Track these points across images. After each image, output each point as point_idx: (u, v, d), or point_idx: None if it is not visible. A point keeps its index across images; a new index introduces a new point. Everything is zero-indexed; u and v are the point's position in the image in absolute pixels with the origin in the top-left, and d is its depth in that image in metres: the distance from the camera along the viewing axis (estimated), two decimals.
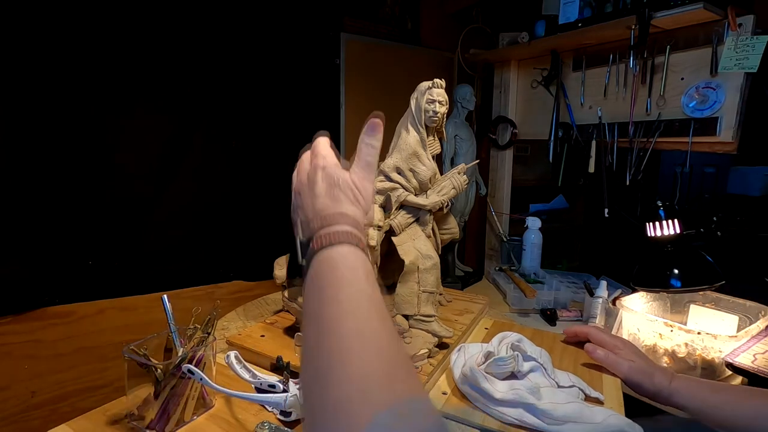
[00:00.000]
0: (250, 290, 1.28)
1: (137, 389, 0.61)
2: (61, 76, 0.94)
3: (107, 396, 0.68)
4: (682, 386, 0.68)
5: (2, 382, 0.93)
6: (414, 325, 0.82)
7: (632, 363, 0.73)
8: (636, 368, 0.72)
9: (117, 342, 1.06)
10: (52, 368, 0.99)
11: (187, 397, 0.61)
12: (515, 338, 0.78)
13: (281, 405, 0.60)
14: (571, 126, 1.29)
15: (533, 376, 0.70)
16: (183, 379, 0.61)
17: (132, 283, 1.09)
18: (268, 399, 0.62)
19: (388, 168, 0.85)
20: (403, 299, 0.82)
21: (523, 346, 0.75)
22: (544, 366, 0.72)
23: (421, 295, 0.82)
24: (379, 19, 1.50)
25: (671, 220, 0.95)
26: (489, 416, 0.64)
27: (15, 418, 0.95)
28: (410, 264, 0.82)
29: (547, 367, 0.72)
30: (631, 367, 0.72)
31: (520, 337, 0.79)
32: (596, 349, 0.77)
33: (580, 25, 1.17)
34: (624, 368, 0.73)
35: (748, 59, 0.93)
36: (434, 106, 0.84)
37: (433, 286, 0.83)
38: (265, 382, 0.64)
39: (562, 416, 0.60)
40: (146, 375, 0.60)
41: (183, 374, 0.60)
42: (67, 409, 1.01)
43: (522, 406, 0.63)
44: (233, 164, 1.22)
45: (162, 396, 0.59)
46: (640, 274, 0.97)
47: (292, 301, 0.85)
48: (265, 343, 0.83)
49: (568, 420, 0.60)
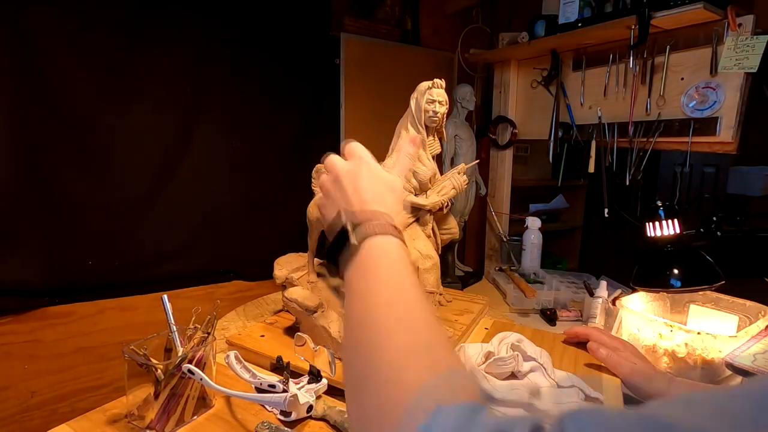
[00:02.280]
0: (250, 290, 1.28)
1: (137, 389, 0.61)
2: (61, 76, 0.94)
3: (107, 396, 0.68)
4: (680, 390, 0.68)
5: (2, 382, 0.94)
6: None
7: (633, 365, 0.73)
8: (636, 370, 0.72)
9: (117, 342, 1.06)
10: (52, 368, 0.99)
11: (187, 397, 0.61)
12: (515, 338, 0.78)
13: (281, 405, 0.61)
14: (571, 126, 1.29)
15: (533, 376, 0.70)
16: (183, 379, 0.61)
17: (132, 283, 1.09)
18: (268, 399, 0.62)
19: (388, 168, 0.85)
20: None
21: (523, 347, 0.75)
22: (545, 366, 0.72)
23: None
24: (379, 19, 1.50)
25: (671, 220, 0.95)
26: None
27: (15, 418, 0.95)
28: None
29: (548, 368, 0.72)
30: (632, 369, 0.73)
31: (520, 337, 0.79)
32: (599, 347, 0.78)
33: (580, 25, 1.17)
34: (625, 369, 0.73)
35: (747, 59, 0.93)
36: (434, 106, 0.84)
37: (433, 286, 0.83)
38: (265, 382, 0.64)
39: None
40: (146, 375, 0.60)
41: (183, 374, 0.60)
42: (66, 409, 1.01)
43: (522, 406, 0.63)
44: (233, 164, 1.23)
45: (162, 396, 0.59)
46: (640, 274, 0.97)
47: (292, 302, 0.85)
48: (265, 343, 0.83)
49: None
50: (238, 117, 1.21)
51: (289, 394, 0.60)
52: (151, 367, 0.59)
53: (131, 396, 0.61)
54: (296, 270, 0.95)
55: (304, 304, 0.82)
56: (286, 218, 1.30)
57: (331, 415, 0.62)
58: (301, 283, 0.91)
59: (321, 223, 0.87)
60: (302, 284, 0.90)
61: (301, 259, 1.00)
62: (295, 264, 0.98)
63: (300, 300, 0.83)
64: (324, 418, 0.63)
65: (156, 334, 0.65)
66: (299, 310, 0.83)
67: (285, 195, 1.31)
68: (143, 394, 0.60)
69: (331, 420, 0.62)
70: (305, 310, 0.82)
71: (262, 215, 1.30)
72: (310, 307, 0.81)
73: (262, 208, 1.30)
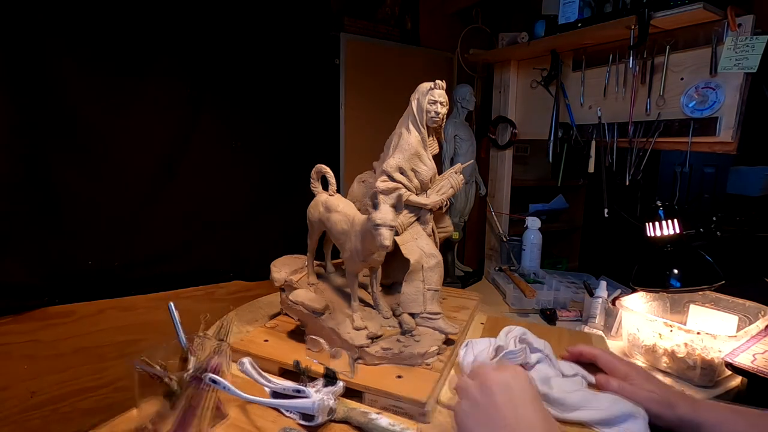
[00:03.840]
0: (249, 290, 1.28)
1: (148, 402, 0.58)
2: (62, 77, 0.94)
3: (107, 396, 0.67)
4: (711, 416, 0.60)
5: (2, 382, 0.93)
6: (421, 323, 0.82)
7: (650, 394, 0.66)
8: (655, 399, 0.65)
9: (117, 342, 1.06)
10: (52, 368, 0.99)
11: (203, 408, 0.59)
12: (520, 331, 0.80)
13: (312, 410, 0.59)
14: (571, 126, 1.29)
15: (540, 367, 0.72)
16: (200, 390, 0.58)
17: (132, 283, 1.09)
18: (301, 405, 0.60)
19: (390, 168, 0.85)
20: (409, 298, 0.83)
21: (529, 339, 0.77)
22: (550, 357, 0.75)
23: (426, 293, 0.82)
24: (379, 19, 1.50)
25: (671, 220, 0.95)
26: None
27: (15, 418, 0.95)
28: (415, 263, 0.83)
29: (552, 358, 0.75)
30: (650, 398, 0.65)
31: (524, 330, 0.81)
32: (609, 380, 0.71)
33: (579, 25, 1.17)
34: (642, 399, 0.65)
35: (747, 59, 0.93)
36: (436, 107, 0.85)
37: (437, 284, 0.84)
38: (289, 388, 0.62)
39: (574, 404, 0.63)
40: (156, 387, 0.57)
41: (203, 384, 0.57)
42: (67, 409, 1.01)
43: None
44: (233, 164, 1.23)
45: (179, 408, 0.57)
46: (639, 274, 0.97)
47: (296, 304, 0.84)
48: (270, 347, 0.82)
49: (578, 407, 0.63)
50: (237, 117, 1.21)
51: (318, 399, 0.59)
52: (165, 379, 0.56)
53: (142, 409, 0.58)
54: (295, 272, 0.95)
55: (311, 306, 0.81)
56: (286, 218, 1.30)
57: (354, 417, 0.61)
58: (301, 285, 0.91)
59: (322, 224, 0.87)
60: (302, 286, 0.90)
61: (298, 260, 1.00)
62: (293, 266, 0.97)
63: (307, 302, 0.82)
64: (346, 420, 0.61)
65: (164, 345, 0.62)
66: (306, 312, 0.82)
67: (285, 195, 1.31)
68: (154, 407, 0.57)
69: (355, 422, 0.61)
70: (312, 313, 0.81)
71: (261, 215, 1.30)
72: (317, 309, 0.81)
73: (262, 208, 1.30)
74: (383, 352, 0.74)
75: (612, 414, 0.62)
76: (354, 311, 0.81)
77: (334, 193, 0.89)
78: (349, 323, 0.79)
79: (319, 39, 1.34)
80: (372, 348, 0.75)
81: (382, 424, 0.59)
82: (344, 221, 0.80)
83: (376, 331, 0.79)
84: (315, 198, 0.90)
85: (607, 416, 0.62)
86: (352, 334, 0.77)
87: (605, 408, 0.62)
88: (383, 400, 0.67)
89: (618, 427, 0.61)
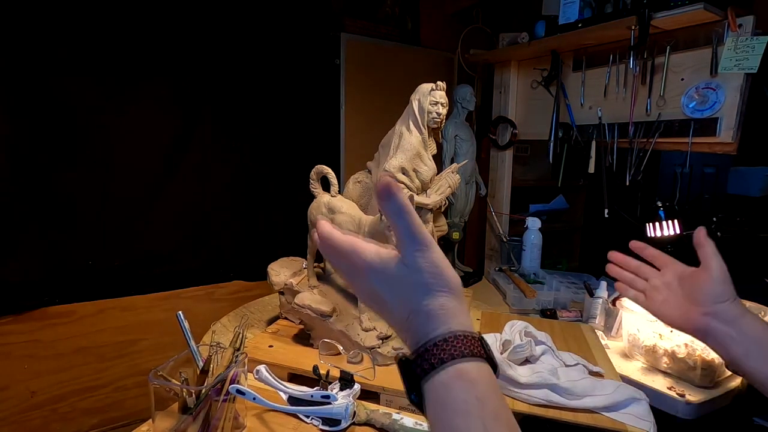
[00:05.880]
0: (249, 290, 1.28)
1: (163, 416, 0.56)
2: (62, 77, 0.94)
3: (107, 396, 0.67)
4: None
5: (2, 382, 0.93)
6: None
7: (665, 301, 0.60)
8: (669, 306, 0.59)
9: (117, 342, 1.06)
10: (52, 368, 0.99)
11: (223, 419, 0.57)
12: (523, 325, 0.82)
13: (342, 415, 0.59)
14: (571, 126, 1.29)
15: (545, 358, 0.75)
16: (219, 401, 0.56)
17: (132, 283, 1.09)
18: (328, 411, 0.59)
19: (393, 168, 0.85)
20: None
21: (532, 332, 0.80)
22: (552, 348, 0.77)
23: None
24: (379, 19, 1.50)
25: (671, 221, 0.95)
26: (516, 400, 0.68)
27: (15, 418, 0.95)
28: None
29: (554, 349, 0.77)
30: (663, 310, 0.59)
31: (525, 323, 0.83)
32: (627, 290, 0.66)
33: (580, 25, 1.17)
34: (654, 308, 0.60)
35: (747, 60, 0.93)
36: (437, 108, 0.85)
37: None
38: (317, 394, 0.61)
39: (581, 391, 0.66)
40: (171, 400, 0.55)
41: (224, 396, 0.56)
42: (66, 409, 1.01)
43: (547, 386, 0.67)
44: (233, 164, 1.23)
45: (199, 421, 0.55)
46: None
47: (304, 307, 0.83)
48: (277, 353, 0.80)
49: (585, 394, 0.66)
50: (237, 117, 1.21)
51: (348, 403, 0.59)
52: (183, 392, 0.54)
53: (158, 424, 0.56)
54: (294, 275, 0.94)
55: (319, 309, 0.80)
56: (285, 218, 1.30)
57: (376, 419, 0.61)
58: (302, 287, 0.90)
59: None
60: (303, 289, 0.89)
61: (295, 263, 0.99)
62: (291, 268, 0.96)
63: (313, 306, 0.81)
64: (369, 422, 0.61)
65: (175, 356, 0.59)
66: (313, 316, 0.81)
67: (285, 195, 1.31)
68: (169, 421, 0.56)
69: (378, 424, 0.60)
70: (320, 316, 0.80)
71: (261, 215, 1.30)
72: (325, 312, 0.80)
73: (262, 209, 1.30)
74: (395, 351, 0.74)
75: (617, 399, 0.65)
76: (361, 312, 0.80)
77: (336, 194, 0.89)
78: (358, 324, 0.79)
79: (320, 39, 1.34)
80: (383, 348, 0.75)
81: (408, 425, 0.59)
82: (350, 223, 0.80)
83: (385, 331, 0.78)
84: (316, 199, 0.90)
85: (613, 401, 0.65)
86: (363, 336, 0.76)
87: (610, 393, 0.66)
88: (399, 400, 0.67)
89: (623, 411, 0.65)
